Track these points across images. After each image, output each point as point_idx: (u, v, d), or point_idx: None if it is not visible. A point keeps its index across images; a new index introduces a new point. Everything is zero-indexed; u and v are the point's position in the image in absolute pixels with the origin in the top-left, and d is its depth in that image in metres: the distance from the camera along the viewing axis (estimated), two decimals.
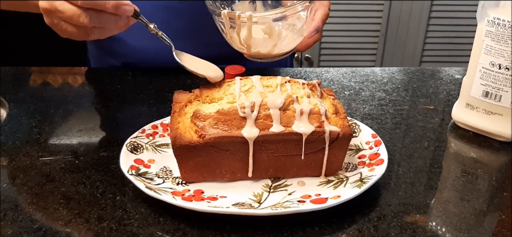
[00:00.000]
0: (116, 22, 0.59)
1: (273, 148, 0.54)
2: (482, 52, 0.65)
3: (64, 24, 0.58)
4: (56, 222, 0.50)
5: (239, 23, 0.64)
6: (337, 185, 0.55)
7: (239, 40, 0.67)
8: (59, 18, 0.58)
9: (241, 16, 0.63)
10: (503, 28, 0.62)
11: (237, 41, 0.67)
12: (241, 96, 0.54)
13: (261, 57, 0.70)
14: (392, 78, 0.87)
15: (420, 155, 0.64)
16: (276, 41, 0.67)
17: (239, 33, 0.66)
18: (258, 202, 0.52)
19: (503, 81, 0.64)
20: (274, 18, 0.65)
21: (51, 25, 0.60)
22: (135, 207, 0.53)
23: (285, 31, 0.68)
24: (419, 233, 0.50)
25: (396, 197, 0.56)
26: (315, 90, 0.57)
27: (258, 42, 0.66)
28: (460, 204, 0.55)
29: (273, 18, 0.65)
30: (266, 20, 0.64)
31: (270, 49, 0.67)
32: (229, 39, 0.69)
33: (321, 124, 0.54)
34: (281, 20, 0.66)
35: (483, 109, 0.67)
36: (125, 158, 0.56)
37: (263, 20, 0.65)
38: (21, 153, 0.62)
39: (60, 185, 0.56)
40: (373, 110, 0.75)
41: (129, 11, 0.58)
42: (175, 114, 0.56)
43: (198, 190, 0.54)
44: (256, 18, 0.64)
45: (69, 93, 0.80)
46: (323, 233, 0.50)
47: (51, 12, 0.58)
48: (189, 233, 0.49)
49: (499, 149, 0.66)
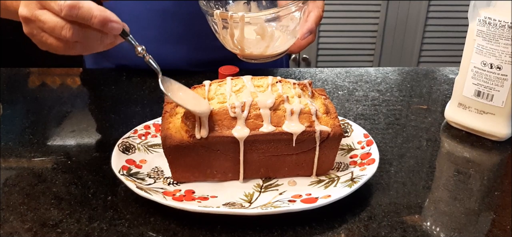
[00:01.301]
0: (102, 40, 0.54)
1: (263, 148, 0.54)
2: (473, 52, 0.65)
3: (44, 35, 0.53)
4: (47, 223, 0.50)
5: (232, 24, 0.64)
6: (328, 185, 0.55)
7: (231, 40, 0.67)
8: (40, 29, 0.53)
9: (233, 16, 0.63)
10: (494, 28, 0.62)
11: (230, 42, 0.67)
12: (231, 96, 0.54)
13: (254, 58, 0.70)
14: (386, 78, 0.87)
15: (412, 155, 0.64)
16: (268, 42, 0.67)
17: (232, 33, 0.66)
18: (249, 202, 0.53)
19: (494, 81, 0.64)
20: (267, 19, 0.65)
21: (30, 35, 0.55)
22: (126, 207, 0.53)
23: (278, 32, 0.68)
24: (410, 233, 0.50)
25: (387, 196, 0.56)
26: (306, 90, 0.57)
27: (250, 43, 0.67)
28: (452, 203, 0.55)
29: (265, 18, 0.65)
30: (259, 20, 0.65)
31: (263, 50, 0.67)
32: (222, 39, 0.69)
33: (312, 124, 0.54)
34: (274, 21, 0.66)
35: (476, 108, 0.67)
36: (116, 159, 0.56)
37: (256, 21, 0.65)
38: (13, 154, 0.62)
39: (52, 186, 0.56)
40: (366, 110, 0.76)
41: (116, 30, 0.53)
42: (166, 115, 0.56)
43: (189, 190, 0.54)
44: (249, 19, 0.64)
45: (63, 94, 0.80)
46: (314, 233, 0.50)
47: (31, 21, 0.53)
48: (179, 233, 0.50)
49: (491, 148, 0.66)
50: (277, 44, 0.68)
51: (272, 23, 0.66)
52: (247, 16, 0.64)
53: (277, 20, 0.66)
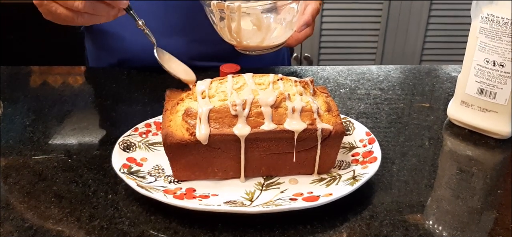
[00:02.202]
0: (108, 12, 0.60)
1: (265, 146, 0.54)
2: (476, 49, 0.65)
3: (54, 5, 0.58)
4: (47, 221, 0.50)
5: (229, 14, 0.64)
6: (329, 183, 0.54)
7: (229, 32, 0.67)
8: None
9: (230, 6, 0.63)
10: (497, 25, 0.62)
11: (227, 33, 0.67)
12: (232, 94, 0.54)
13: (251, 50, 0.70)
14: (388, 76, 0.87)
15: (414, 153, 0.64)
16: (265, 34, 0.67)
17: (229, 24, 0.66)
18: (250, 200, 0.52)
19: (497, 78, 0.64)
20: (264, 10, 0.65)
21: (38, 5, 0.60)
22: (127, 206, 0.53)
23: (275, 24, 0.68)
24: (412, 231, 0.50)
25: (389, 195, 0.55)
26: (307, 88, 0.57)
27: (247, 34, 0.66)
28: (455, 202, 0.55)
29: (262, 9, 0.65)
30: (255, 11, 0.64)
31: (260, 41, 0.67)
32: (219, 31, 0.69)
33: (313, 122, 0.53)
34: (271, 12, 0.66)
35: (478, 106, 0.67)
36: (117, 157, 0.56)
37: (252, 11, 0.65)
38: (14, 152, 0.62)
39: (52, 184, 0.56)
40: (368, 108, 0.75)
41: (124, 4, 0.60)
42: (167, 112, 0.56)
43: (190, 188, 0.54)
44: (245, 9, 0.64)
45: (64, 93, 0.80)
46: (315, 231, 0.50)
47: None
48: (180, 232, 0.49)
49: (494, 147, 0.66)
50: (274, 36, 0.68)
51: (269, 15, 0.66)
52: (243, 6, 0.64)
53: (274, 11, 0.66)
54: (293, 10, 0.67)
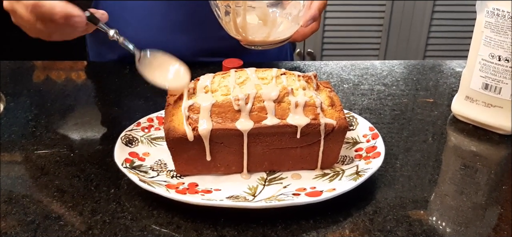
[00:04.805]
0: (74, 29, 0.58)
1: (268, 141, 0.53)
2: (481, 44, 0.64)
3: (26, 26, 0.59)
4: (50, 215, 0.50)
5: (234, 8, 0.64)
6: (332, 178, 0.54)
7: (234, 26, 0.66)
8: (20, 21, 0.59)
9: (235, 0, 0.63)
10: (502, 19, 0.61)
11: (232, 27, 0.67)
12: (235, 88, 0.53)
13: (256, 44, 0.69)
14: (392, 71, 0.86)
15: (418, 149, 0.63)
16: (271, 28, 0.66)
17: (234, 19, 0.65)
18: (252, 195, 0.52)
19: (503, 73, 0.63)
20: (270, 4, 0.64)
21: (17, 25, 0.61)
22: (129, 200, 0.52)
23: (280, 18, 0.67)
24: (416, 227, 0.50)
25: (393, 190, 0.55)
26: (310, 82, 0.56)
27: (253, 28, 0.66)
28: (459, 197, 0.54)
29: (268, 3, 0.64)
30: (261, 5, 0.64)
31: (266, 35, 0.67)
32: (225, 25, 0.69)
33: (317, 116, 0.53)
34: (277, 6, 0.65)
35: (483, 101, 0.66)
36: (119, 151, 0.56)
37: (258, 5, 0.64)
38: (16, 146, 0.62)
39: (55, 178, 0.56)
40: (371, 103, 0.75)
41: (80, 24, 0.56)
42: (169, 107, 0.56)
43: (192, 183, 0.54)
44: (251, 3, 0.63)
45: (66, 87, 0.80)
46: (318, 227, 0.49)
47: (13, 13, 0.59)
48: (183, 226, 0.49)
49: (498, 142, 0.65)
50: (280, 30, 0.68)
51: (275, 9, 0.66)
52: (249, 0, 0.63)
53: (280, 5, 0.66)
54: (299, 5, 0.66)
